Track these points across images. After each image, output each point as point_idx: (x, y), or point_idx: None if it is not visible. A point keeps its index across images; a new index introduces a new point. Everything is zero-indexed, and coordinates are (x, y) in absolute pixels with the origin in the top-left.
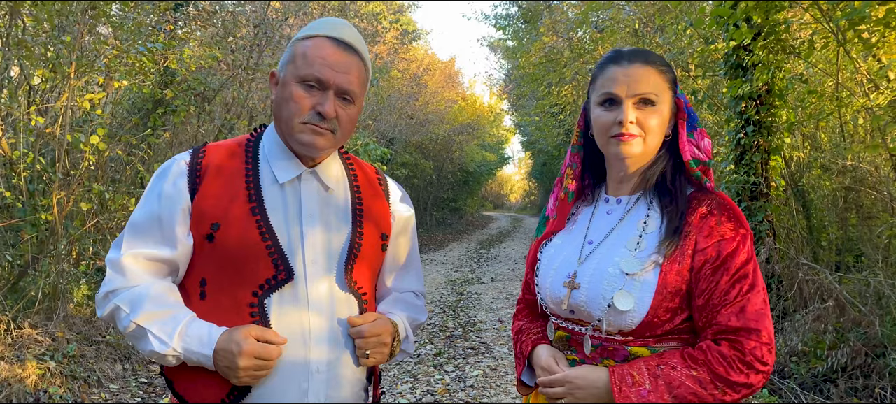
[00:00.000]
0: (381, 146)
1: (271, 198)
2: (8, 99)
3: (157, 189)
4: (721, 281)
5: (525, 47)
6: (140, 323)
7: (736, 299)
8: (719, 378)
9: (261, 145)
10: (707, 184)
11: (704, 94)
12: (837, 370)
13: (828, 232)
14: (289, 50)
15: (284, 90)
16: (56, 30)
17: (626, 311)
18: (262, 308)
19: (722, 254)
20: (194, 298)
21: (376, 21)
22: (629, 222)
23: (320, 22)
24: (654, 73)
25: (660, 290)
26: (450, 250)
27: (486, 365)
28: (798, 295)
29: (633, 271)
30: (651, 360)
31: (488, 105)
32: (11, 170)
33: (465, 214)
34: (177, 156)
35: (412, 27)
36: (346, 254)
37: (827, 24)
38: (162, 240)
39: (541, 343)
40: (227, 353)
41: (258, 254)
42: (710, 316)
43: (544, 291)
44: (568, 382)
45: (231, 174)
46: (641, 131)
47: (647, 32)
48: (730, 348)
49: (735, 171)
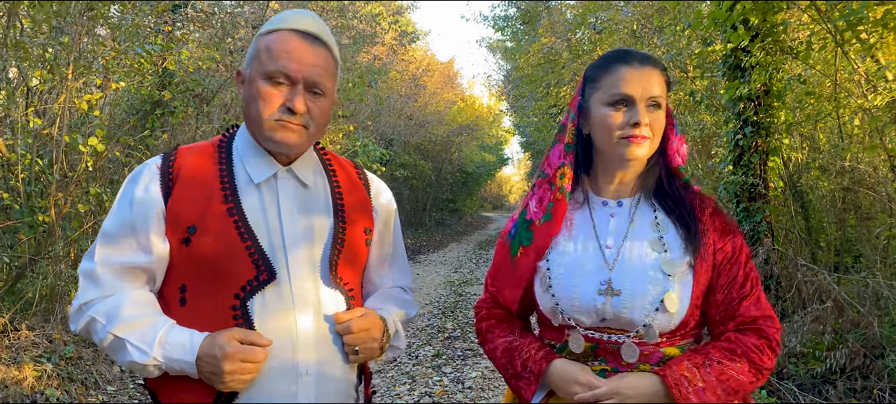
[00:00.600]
0: (379, 147)
1: (248, 198)
2: (6, 100)
3: (128, 195)
4: (738, 275)
5: (524, 48)
6: (118, 334)
7: (752, 291)
8: (756, 365)
9: (234, 146)
10: (695, 186)
11: (703, 94)
12: (836, 371)
13: (826, 233)
14: (253, 46)
15: (251, 88)
16: (54, 31)
17: (675, 312)
18: (245, 311)
19: (735, 250)
20: (174, 305)
21: (375, 22)
22: (641, 225)
23: (283, 15)
24: (661, 77)
25: (695, 289)
26: (449, 251)
27: (484, 366)
28: (796, 296)
29: (673, 271)
30: (694, 358)
31: (487, 106)
32: (9, 172)
33: (465, 215)
34: (148, 161)
35: (411, 28)
36: (329, 250)
37: (825, 25)
38: (137, 248)
39: (554, 358)
40: (211, 358)
41: (238, 256)
42: (729, 309)
43: (569, 302)
44: (618, 394)
45: (205, 176)
46: (651, 133)
47: (645, 33)
48: (757, 337)
49: (733, 172)
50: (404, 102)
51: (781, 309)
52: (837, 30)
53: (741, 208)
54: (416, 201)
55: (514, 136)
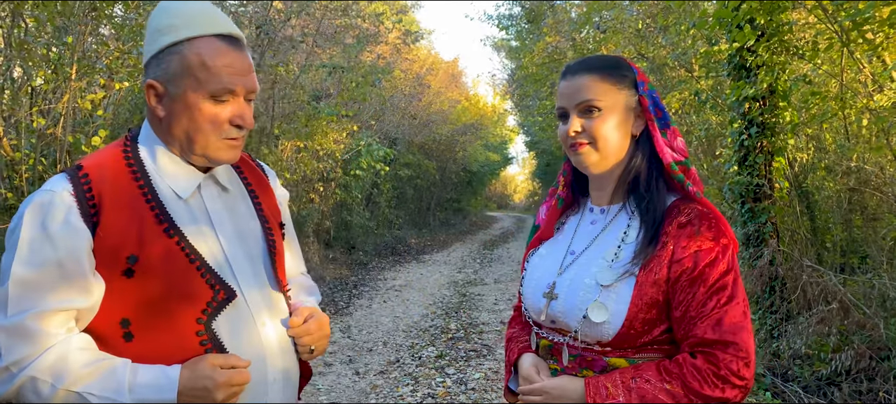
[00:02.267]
0: (383, 146)
1: (178, 214)
2: (10, 100)
3: (41, 233)
4: (697, 292)
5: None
6: (74, 389)
7: (712, 311)
8: (693, 392)
9: (141, 158)
10: (690, 187)
11: (708, 94)
12: (841, 373)
13: (832, 233)
14: (170, 58)
15: (188, 108)
16: (58, 31)
17: (600, 323)
18: (212, 333)
19: (699, 264)
20: (116, 342)
21: (379, 21)
22: (610, 233)
23: (186, 12)
24: (597, 80)
25: (635, 302)
26: (453, 251)
27: (487, 367)
28: (802, 297)
29: (608, 282)
30: (627, 372)
31: (492, 105)
32: (13, 171)
33: (469, 215)
34: (50, 187)
35: (415, 27)
36: (266, 255)
37: (831, 25)
38: (70, 290)
39: (526, 351)
40: (201, 391)
41: (190, 278)
42: (687, 328)
43: (526, 301)
44: (545, 392)
45: (129, 197)
46: (590, 139)
47: (649, 33)
48: (705, 361)
49: (738, 173)
50: (408, 101)
51: (786, 311)
52: (843, 30)
53: (746, 209)
54: (421, 201)
55: (518, 135)
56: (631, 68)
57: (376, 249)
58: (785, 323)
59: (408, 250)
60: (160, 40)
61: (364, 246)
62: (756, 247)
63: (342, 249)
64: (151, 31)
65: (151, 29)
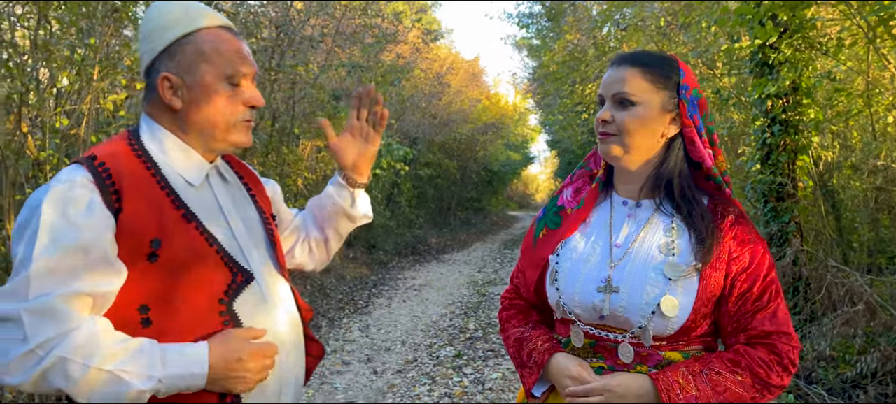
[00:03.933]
0: (404, 146)
1: (191, 201)
2: (36, 101)
3: (64, 220)
4: (754, 287)
5: (549, 45)
6: (107, 368)
7: (768, 304)
8: (760, 381)
9: (148, 148)
10: (726, 189)
11: (730, 92)
12: (867, 375)
13: (859, 233)
14: (185, 49)
15: (208, 93)
16: (82, 33)
17: (672, 317)
18: (234, 314)
19: (753, 260)
20: (132, 329)
21: (398, 20)
22: (655, 226)
23: (186, 11)
24: (637, 75)
25: (700, 296)
26: (473, 250)
27: (505, 367)
28: (826, 298)
29: (676, 276)
30: (691, 366)
31: (513, 104)
32: (39, 171)
33: (490, 214)
34: (67, 177)
35: (435, 26)
36: (269, 242)
37: (856, 21)
38: (96, 275)
39: (557, 351)
40: (231, 362)
41: (210, 262)
42: (743, 321)
43: (571, 296)
44: (608, 391)
45: (145, 183)
46: (618, 131)
47: (671, 30)
48: (767, 352)
49: (761, 171)
50: (428, 101)
51: (810, 312)
52: (869, 25)
53: (769, 208)
54: (441, 200)
55: (540, 134)
56: (679, 70)
57: (396, 248)
58: (809, 325)
59: (428, 249)
60: (168, 35)
61: (384, 245)
62: (779, 247)
63: (362, 248)
64: (153, 30)
65: (151, 28)
